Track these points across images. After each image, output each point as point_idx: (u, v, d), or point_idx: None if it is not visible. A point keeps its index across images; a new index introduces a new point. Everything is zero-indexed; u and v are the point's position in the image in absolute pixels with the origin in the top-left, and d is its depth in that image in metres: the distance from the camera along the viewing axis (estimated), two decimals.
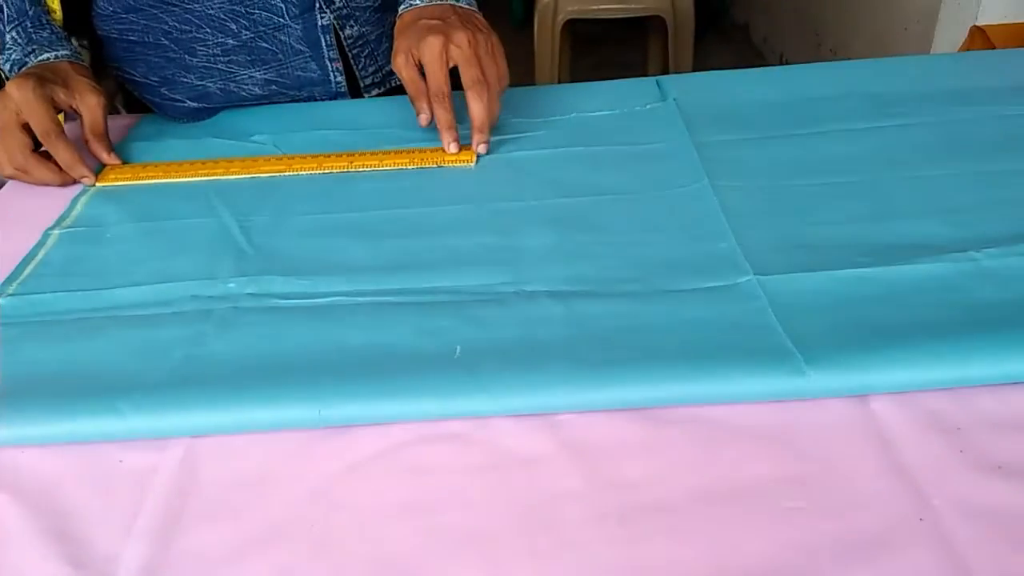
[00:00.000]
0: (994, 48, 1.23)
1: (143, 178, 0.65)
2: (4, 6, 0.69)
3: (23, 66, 0.67)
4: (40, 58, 0.67)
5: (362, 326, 0.48)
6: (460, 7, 0.67)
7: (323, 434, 0.43)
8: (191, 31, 0.73)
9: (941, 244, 0.51)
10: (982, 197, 0.56)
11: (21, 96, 0.63)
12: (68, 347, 0.48)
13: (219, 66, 0.75)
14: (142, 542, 0.38)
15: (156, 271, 0.55)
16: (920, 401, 0.42)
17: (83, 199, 0.64)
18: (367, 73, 0.80)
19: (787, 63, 2.33)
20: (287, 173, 0.65)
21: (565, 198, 0.60)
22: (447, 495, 0.39)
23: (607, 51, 2.55)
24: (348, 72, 0.78)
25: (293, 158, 0.67)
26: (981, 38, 1.27)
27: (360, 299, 0.51)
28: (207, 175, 0.65)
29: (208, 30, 0.73)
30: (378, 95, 0.81)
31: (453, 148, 0.65)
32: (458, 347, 0.46)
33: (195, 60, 0.74)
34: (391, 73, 0.78)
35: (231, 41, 0.73)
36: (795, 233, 0.53)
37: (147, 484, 0.41)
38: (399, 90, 0.66)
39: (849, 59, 1.86)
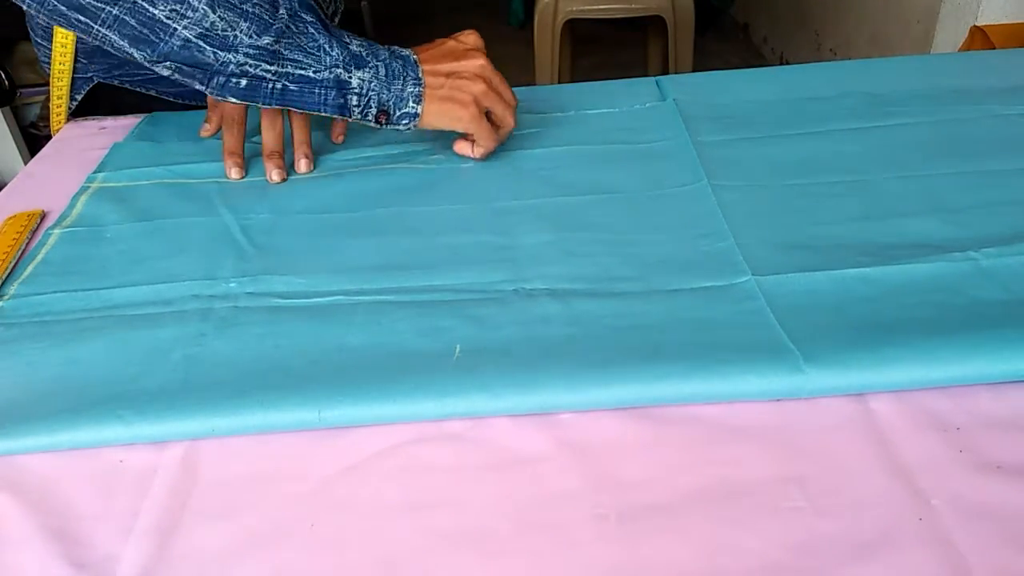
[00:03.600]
0: (994, 48, 1.23)
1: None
2: (327, 46, 0.59)
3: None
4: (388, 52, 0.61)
5: (362, 326, 0.48)
6: None
7: (323, 433, 0.43)
8: None
9: (941, 244, 0.51)
10: (982, 197, 0.56)
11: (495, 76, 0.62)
12: (68, 348, 0.48)
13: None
14: (142, 542, 0.38)
15: (156, 271, 0.55)
16: (919, 400, 0.42)
17: (83, 198, 0.64)
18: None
19: (787, 63, 2.33)
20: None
21: (564, 197, 0.60)
22: (447, 495, 0.39)
23: (607, 51, 2.56)
24: None
25: None
26: (981, 38, 1.27)
27: (360, 299, 0.51)
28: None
29: None
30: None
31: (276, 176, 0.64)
32: (457, 346, 0.46)
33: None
34: None
35: None
36: (794, 233, 0.53)
37: (147, 484, 0.41)
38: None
39: (849, 59, 1.86)
